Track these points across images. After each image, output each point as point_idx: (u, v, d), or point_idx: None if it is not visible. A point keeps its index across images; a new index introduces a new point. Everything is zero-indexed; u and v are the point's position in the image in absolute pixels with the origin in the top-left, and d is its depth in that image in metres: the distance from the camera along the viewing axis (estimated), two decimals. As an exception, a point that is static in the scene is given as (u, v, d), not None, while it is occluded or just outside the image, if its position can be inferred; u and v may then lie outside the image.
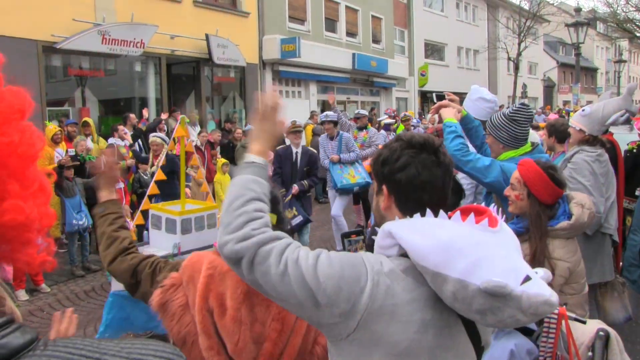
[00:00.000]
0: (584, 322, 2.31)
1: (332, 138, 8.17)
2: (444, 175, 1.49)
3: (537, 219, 2.77)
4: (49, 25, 10.59)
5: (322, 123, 9.17)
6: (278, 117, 1.65)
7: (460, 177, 4.23)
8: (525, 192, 2.80)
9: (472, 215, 1.36)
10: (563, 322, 2.26)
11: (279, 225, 1.96)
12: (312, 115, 15.17)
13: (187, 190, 9.18)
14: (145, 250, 4.11)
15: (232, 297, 1.82)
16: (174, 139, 6.01)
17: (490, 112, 4.29)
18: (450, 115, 3.38)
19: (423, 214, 1.39)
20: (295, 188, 6.93)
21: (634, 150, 5.52)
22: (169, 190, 6.52)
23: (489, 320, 1.27)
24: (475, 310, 1.26)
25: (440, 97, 4.45)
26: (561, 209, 2.82)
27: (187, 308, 1.87)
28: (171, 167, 6.96)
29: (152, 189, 5.59)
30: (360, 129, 9.19)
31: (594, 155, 4.00)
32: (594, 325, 2.34)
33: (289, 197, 6.85)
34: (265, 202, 1.48)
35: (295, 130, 7.33)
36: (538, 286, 1.24)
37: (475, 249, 1.28)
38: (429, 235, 1.32)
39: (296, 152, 7.27)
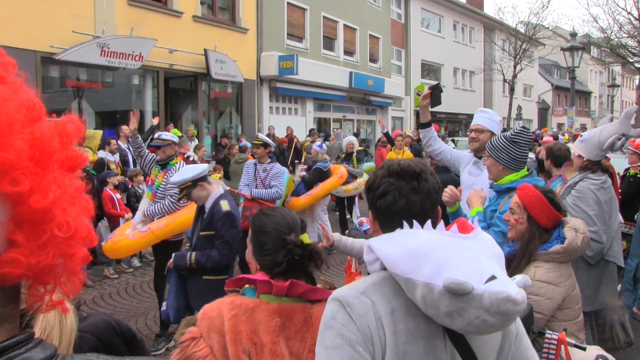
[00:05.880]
0: (584, 349, 2.30)
1: None
2: (424, 202, 1.49)
3: (530, 242, 2.77)
4: (48, 36, 10.60)
5: None
6: None
7: None
8: (525, 216, 2.80)
9: (441, 223, 1.41)
10: (562, 347, 2.25)
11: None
12: (312, 133, 15.11)
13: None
14: None
15: (266, 330, 1.74)
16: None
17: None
18: (479, 203, 3.37)
19: None
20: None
21: (638, 175, 5.48)
22: None
23: (457, 323, 1.25)
24: (444, 313, 1.25)
25: (436, 86, 4.34)
26: (555, 233, 2.82)
27: (213, 359, 1.71)
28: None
29: None
30: (163, 166, 5.50)
31: (598, 183, 3.96)
32: (594, 351, 2.32)
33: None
34: None
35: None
36: (502, 284, 1.22)
37: (441, 253, 1.29)
38: (399, 244, 1.35)
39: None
